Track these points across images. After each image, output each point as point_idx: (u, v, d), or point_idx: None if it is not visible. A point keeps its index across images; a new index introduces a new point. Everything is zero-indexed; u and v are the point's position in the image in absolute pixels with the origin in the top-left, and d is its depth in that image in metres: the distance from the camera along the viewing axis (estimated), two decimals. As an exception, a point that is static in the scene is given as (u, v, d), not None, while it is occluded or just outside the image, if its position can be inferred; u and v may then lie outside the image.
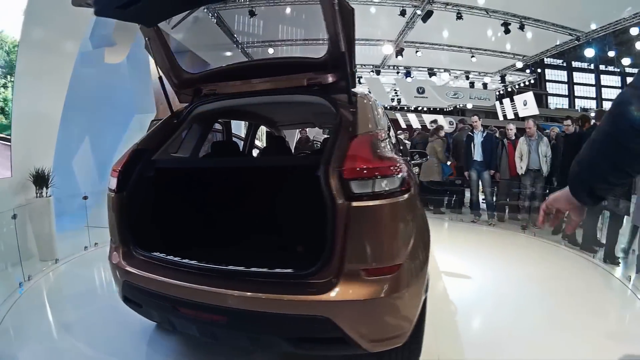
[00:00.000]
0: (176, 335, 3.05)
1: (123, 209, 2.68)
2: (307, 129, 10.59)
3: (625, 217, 5.19)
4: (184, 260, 2.39)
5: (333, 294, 1.99)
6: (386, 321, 2.10)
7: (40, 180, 5.14)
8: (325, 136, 14.16)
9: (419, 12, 11.30)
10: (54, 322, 3.52)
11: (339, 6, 2.22)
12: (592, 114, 6.95)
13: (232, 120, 4.60)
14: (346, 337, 2.00)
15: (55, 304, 3.86)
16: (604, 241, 5.46)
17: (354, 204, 2.01)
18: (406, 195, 2.12)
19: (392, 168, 2.10)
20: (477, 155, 7.74)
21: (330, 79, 2.78)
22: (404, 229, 2.15)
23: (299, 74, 2.86)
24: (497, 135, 8.54)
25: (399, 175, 2.11)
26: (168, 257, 2.46)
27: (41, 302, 3.96)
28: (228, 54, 13.29)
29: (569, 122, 6.68)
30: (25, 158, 5.10)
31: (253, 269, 2.20)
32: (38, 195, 5.14)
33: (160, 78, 3.05)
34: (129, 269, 2.51)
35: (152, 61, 8.34)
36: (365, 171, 2.04)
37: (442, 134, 9.10)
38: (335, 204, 2.02)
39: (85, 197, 6.08)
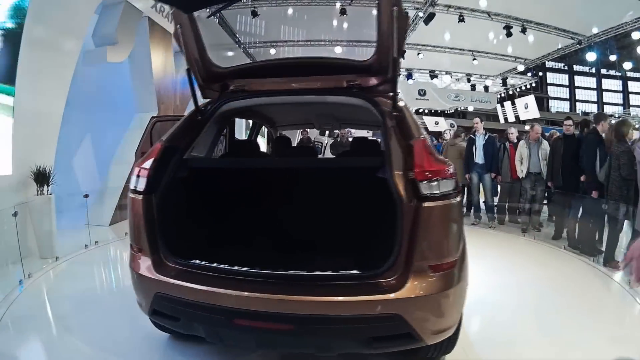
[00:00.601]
0: (176, 337, 3.01)
1: (154, 212, 2.42)
2: (308, 130, 10.61)
3: (626, 221, 5.19)
4: (234, 267, 2.25)
5: (404, 291, 2.06)
6: (445, 313, 2.21)
7: (42, 177, 5.15)
8: (327, 138, 14.18)
9: (421, 14, 11.32)
10: (54, 320, 3.52)
11: (398, 12, 2.27)
12: (592, 118, 6.84)
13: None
14: (413, 332, 2.08)
15: (56, 302, 3.86)
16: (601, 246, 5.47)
17: (424, 204, 2.12)
18: (458, 197, 2.29)
19: (448, 171, 2.25)
20: (479, 158, 7.73)
21: (372, 82, 2.80)
22: (457, 227, 2.28)
23: (338, 74, 2.86)
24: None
25: (454, 178, 2.27)
26: (212, 264, 2.30)
27: (41, 300, 3.96)
28: (230, 54, 13.30)
29: (570, 122, 6.51)
30: (27, 155, 5.11)
31: (316, 273, 2.19)
32: (39, 192, 5.15)
33: (188, 70, 2.82)
34: (162, 279, 2.28)
35: (154, 60, 8.37)
36: (432, 174, 2.17)
37: (462, 136, 9.04)
38: (405, 204, 2.13)
39: (86, 196, 6.09)
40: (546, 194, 7.31)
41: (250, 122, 5.21)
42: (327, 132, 11.94)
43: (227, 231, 3.06)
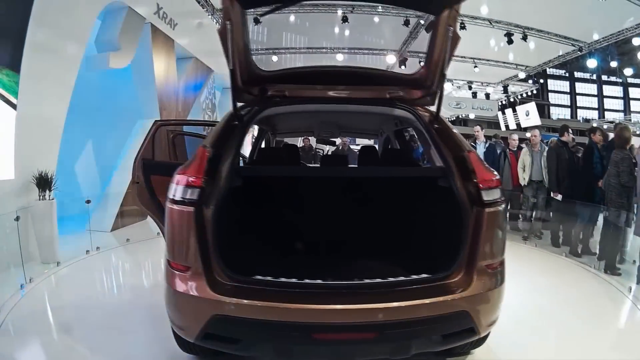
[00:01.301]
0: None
1: (208, 226, 2.22)
2: (310, 138, 10.64)
3: (626, 228, 5.19)
4: (305, 281, 2.20)
5: (471, 290, 2.26)
6: (495, 307, 2.40)
7: (44, 182, 5.17)
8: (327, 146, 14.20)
9: (422, 22, 11.37)
10: (55, 325, 3.52)
11: (453, 32, 2.45)
12: (595, 124, 6.85)
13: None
14: (474, 326, 2.26)
15: (57, 307, 3.86)
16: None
17: (486, 209, 2.35)
18: (504, 204, 2.49)
19: (498, 179, 2.48)
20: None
21: (416, 94, 2.93)
22: (504, 230, 2.53)
23: (381, 85, 2.95)
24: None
25: (501, 186, 2.49)
26: (280, 279, 2.20)
27: (42, 304, 3.96)
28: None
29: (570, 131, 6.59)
30: (29, 160, 5.13)
31: (390, 279, 2.29)
32: (41, 197, 5.17)
33: (232, 71, 2.51)
34: (221, 299, 2.10)
35: (156, 67, 8.38)
36: (489, 182, 2.41)
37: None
38: (469, 210, 2.36)
39: (88, 201, 6.10)
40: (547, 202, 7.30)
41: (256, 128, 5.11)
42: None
43: (280, 242, 2.94)
